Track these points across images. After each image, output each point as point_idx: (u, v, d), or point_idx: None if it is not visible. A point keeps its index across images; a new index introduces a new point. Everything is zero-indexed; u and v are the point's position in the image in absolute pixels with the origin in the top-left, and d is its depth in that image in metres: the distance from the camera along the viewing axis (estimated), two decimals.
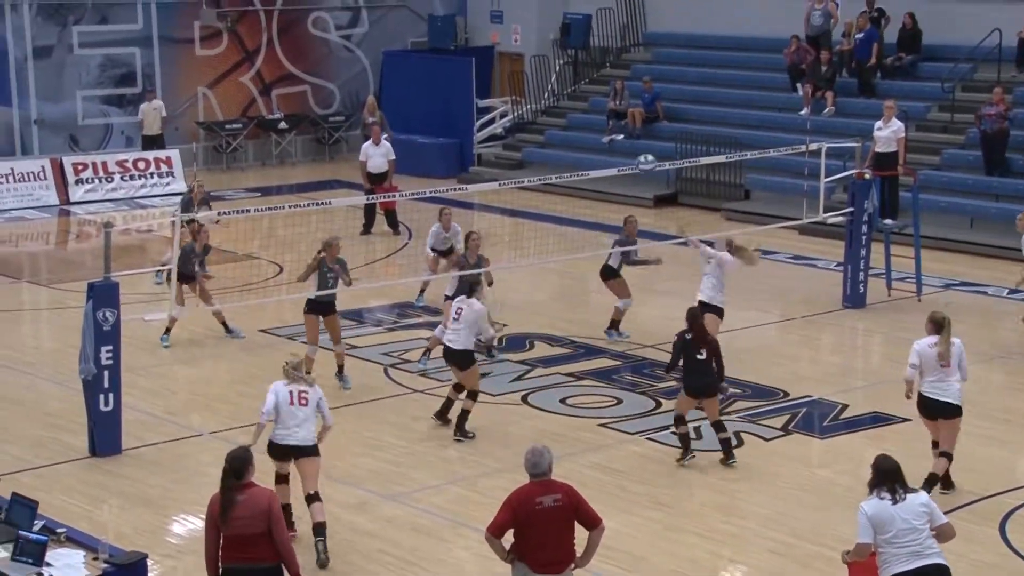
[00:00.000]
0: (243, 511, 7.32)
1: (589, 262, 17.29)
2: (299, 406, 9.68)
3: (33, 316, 16.22)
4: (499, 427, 12.34)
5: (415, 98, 26.56)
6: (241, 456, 7.50)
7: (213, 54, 26.34)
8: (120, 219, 21.91)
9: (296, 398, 9.70)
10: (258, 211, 14.61)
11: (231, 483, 7.35)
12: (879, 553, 7.57)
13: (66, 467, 11.27)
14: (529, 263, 17.92)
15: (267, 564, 7.38)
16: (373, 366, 14.14)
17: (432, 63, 27.09)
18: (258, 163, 26.94)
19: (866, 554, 7.60)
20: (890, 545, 7.51)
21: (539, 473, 7.66)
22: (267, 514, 7.33)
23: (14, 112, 24.00)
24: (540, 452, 7.68)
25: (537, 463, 7.66)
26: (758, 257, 13.90)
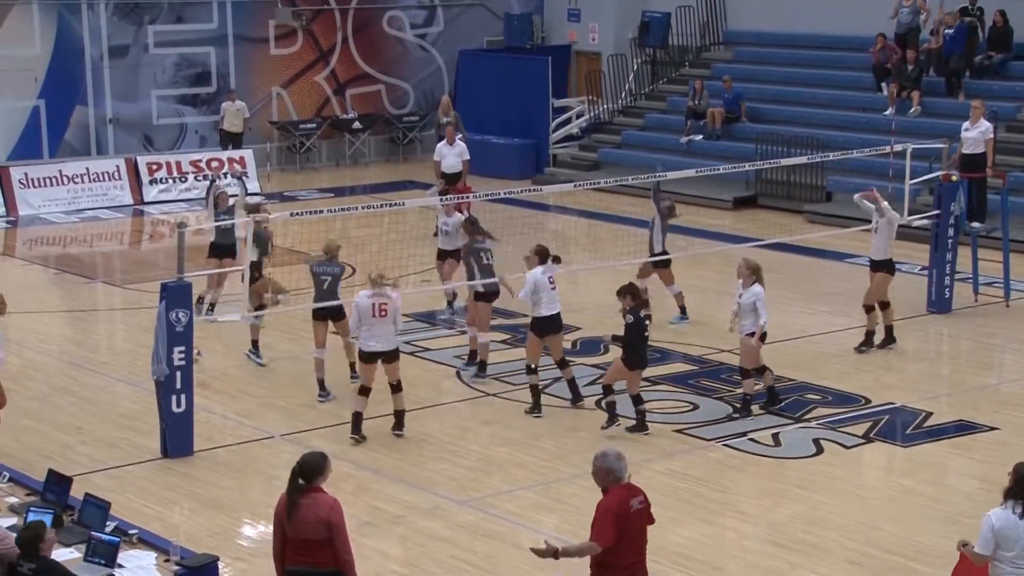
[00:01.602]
0: (305, 515, 7.36)
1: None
2: (379, 317, 11.53)
3: (107, 316, 16.51)
4: (573, 432, 12.33)
5: (490, 98, 26.63)
6: (312, 461, 7.50)
7: (287, 53, 26.64)
8: (193, 219, 22.21)
9: (377, 310, 11.54)
10: (331, 212, 14.71)
11: (296, 485, 7.39)
12: (993, 566, 7.12)
13: (138, 468, 11.46)
14: (604, 265, 17.87)
15: (327, 569, 7.41)
16: (446, 369, 14.19)
17: (508, 62, 27.15)
18: (331, 163, 27.18)
19: (981, 564, 7.21)
20: (1010, 564, 7.03)
21: (622, 478, 7.54)
22: (326, 523, 7.33)
23: (90, 111, 24.46)
24: (619, 455, 7.56)
25: (621, 468, 7.52)
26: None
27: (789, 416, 12.69)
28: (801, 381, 13.66)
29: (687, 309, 15.60)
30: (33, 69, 23.85)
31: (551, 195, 22.88)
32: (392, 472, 11.29)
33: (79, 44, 24.26)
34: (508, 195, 15.36)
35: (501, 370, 14.06)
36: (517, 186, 19.83)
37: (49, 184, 22.74)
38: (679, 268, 16.14)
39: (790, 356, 14.32)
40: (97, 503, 9.33)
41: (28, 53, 23.81)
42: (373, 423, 12.52)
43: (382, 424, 12.51)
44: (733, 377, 13.72)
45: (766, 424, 12.42)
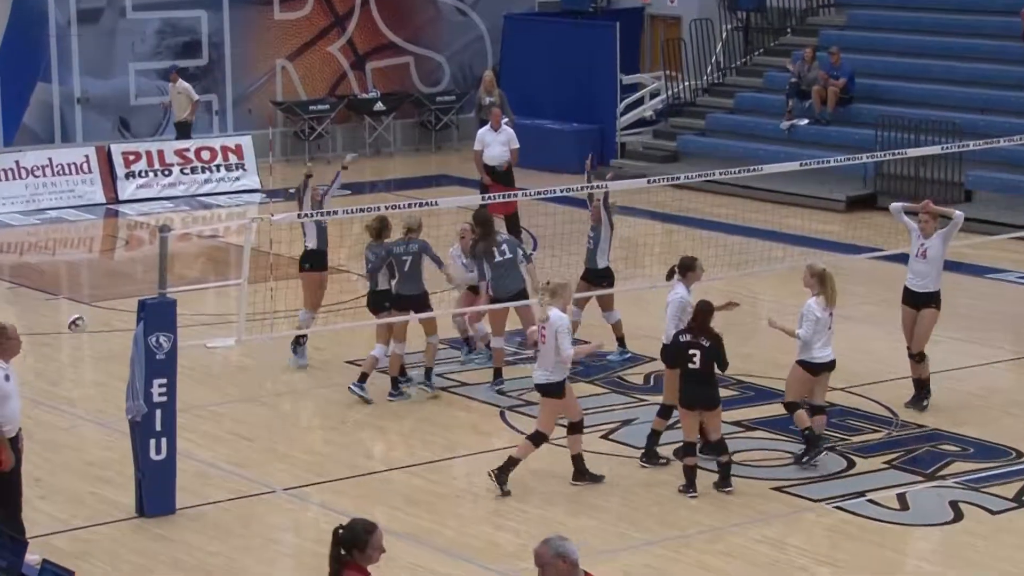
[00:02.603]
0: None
1: (762, 280, 17.06)
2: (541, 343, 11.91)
3: (73, 341, 16.61)
4: (646, 488, 12.25)
5: (544, 73, 26.63)
6: (354, 529, 7.34)
7: (295, 18, 26.79)
8: (179, 222, 22.35)
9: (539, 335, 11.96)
10: (348, 213, 14.72)
11: (336, 554, 7.32)
12: None
13: (108, 529, 11.47)
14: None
15: None
16: (487, 408, 14.16)
17: (566, 29, 27.15)
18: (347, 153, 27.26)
19: None
20: None
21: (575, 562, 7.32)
22: None
23: (53, 89, 24.68)
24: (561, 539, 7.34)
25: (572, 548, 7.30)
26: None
27: (919, 472, 12.53)
28: (933, 428, 13.50)
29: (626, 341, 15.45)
30: None
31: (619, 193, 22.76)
32: (427, 537, 11.25)
33: (41, 7, 24.51)
34: (565, 193, 15.31)
35: None
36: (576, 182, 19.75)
37: (4, 178, 22.96)
38: (774, 283, 16.02)
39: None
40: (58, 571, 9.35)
41: None
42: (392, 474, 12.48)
43: (404, 477, 12.47)
44: (848, 422, 13.58)
45: (890, 482, 12.27)
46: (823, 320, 12.49)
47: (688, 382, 12.02)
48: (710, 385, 12.03)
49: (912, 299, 13.94)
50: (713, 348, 11.92)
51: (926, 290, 13.84)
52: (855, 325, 15.99)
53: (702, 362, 11.93)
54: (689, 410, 12.06)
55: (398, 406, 14.26)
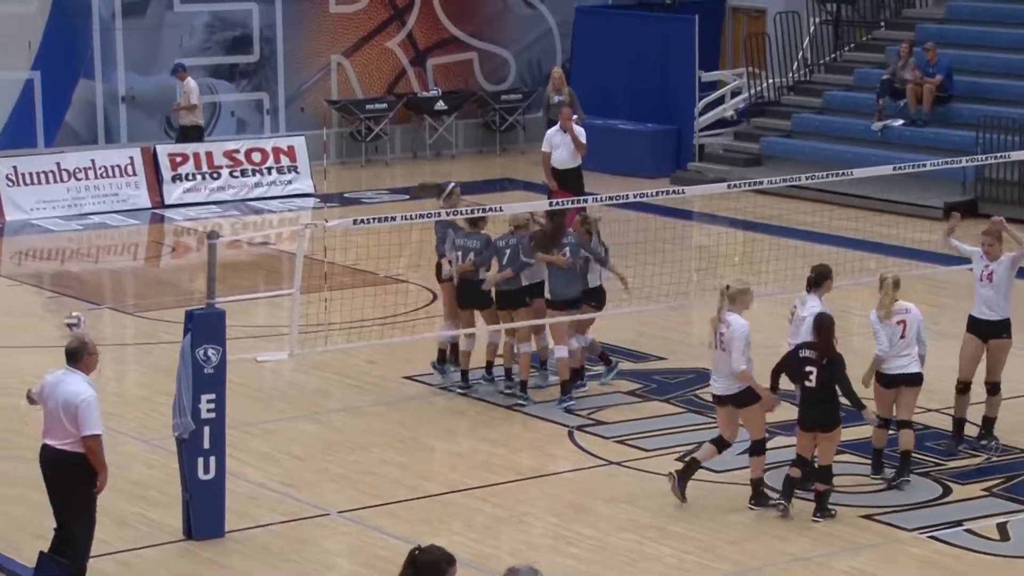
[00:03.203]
0: None
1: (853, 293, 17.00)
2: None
3: (116, 353, 16.83)
4: (725, 514, 12.26)
5: (617, 70, 26.68)
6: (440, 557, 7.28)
7: (352, 12, 27.00)
8: (228, 228, 22.57)
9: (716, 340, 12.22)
10: (406, 219, 14.83)
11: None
12: None
13: (155, 552, 11.63)
14: (767, 292, 17.73)
15: None
16: (553, 428, 14.22)
17: (641, 23, 27.18)
18: (407, 155, 27.45)
19: None
20: None
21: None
22: None
23: (97, 86, 25.00)
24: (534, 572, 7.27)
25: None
26: None
27: (1021, 501, 12.46)
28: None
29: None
30: (26, 31, 24.47)
31: (696, 198, 22.81)
32: (487, 563, 11.31)
33: (85, 1, 24.83)
34: (639, 198, 15.34)
35: (626, 432, 14.04)
36: (651, 186, 19.82)
37: (44, 181, 23.24)
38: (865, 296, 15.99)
39: (1019, 416, 14.06)
40: None
41: (19, 11, 24.45)
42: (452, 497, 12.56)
43: (465, 500, 12.55)
44: (943, 445, 13.52)
45: (989, 511, 12.21)
46: (888, 330, 12.49)
47: (805, 401, 12.05)
48: (828, 405, 11.99)
49: (977, 328, 13.49)
50: (831, 368, 11.89)
51: (994, 318, 13.38)
52: (953, 343, 15.88)
53: (818, 381, 11.90)
54: (804, 431, 12.08)
55: (461, 425, 14.36)
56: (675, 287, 17.83)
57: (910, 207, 22.44)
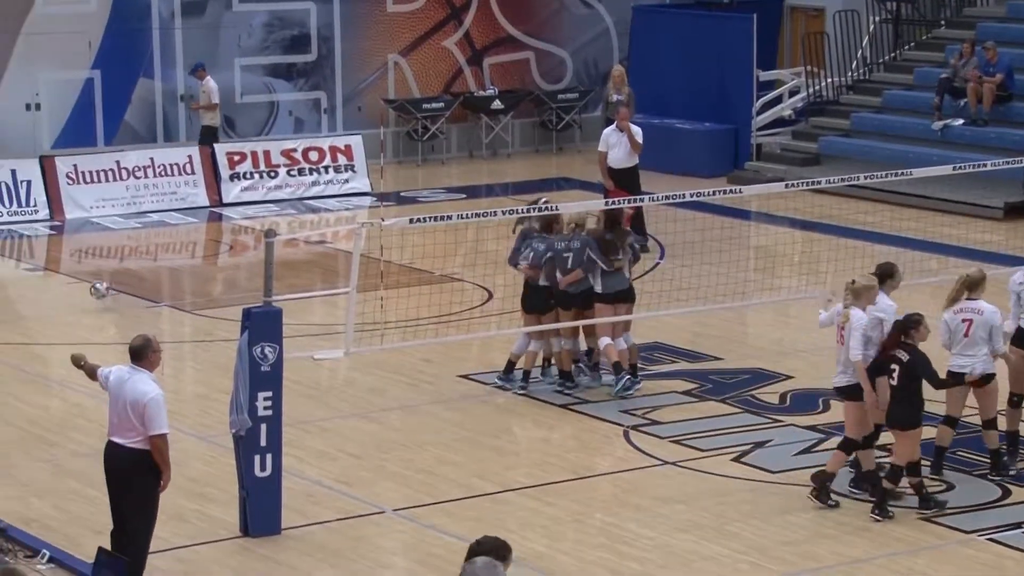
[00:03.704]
0: None
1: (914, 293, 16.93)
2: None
3: (174, 351, 16.94)
4: (781, 515, 12.22)
5: (674, 69, 26.64)
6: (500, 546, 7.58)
7: (409, 11, 27.08)
8: (285, 226, 22.69)
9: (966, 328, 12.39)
10: (462, 218, 14.87)
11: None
12: None
13: (211, 549, 11.71)
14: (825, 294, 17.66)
15: None
16: (609, 427, 14.22)
17: (698, 22, 27.13)
18: (463, 154, 27.50)
19: None
20: None
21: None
22: None
23: (156, 86, 25.17)
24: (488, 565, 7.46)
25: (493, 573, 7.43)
26: None
27: None
28: None
29: None
30: (86, 31, 24.69)
31: (754, 198, 22.74)
32: (542, 563, 11.33)
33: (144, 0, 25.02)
34: (696, 197, 15.32)
35: (682, 431, 14.03)
36: (708, 186, 19.78)
37: (104, 179, 23.43)
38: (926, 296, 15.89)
39: None
40: None
41: (80, 11, 24.66)
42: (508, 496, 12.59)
43: (520, 499, 12.57)
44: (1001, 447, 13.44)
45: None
46: (951, 325, 12.48)
47: (891, 399, 12.06)
48: (909, 404, 11.97)
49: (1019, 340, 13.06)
50: (912, 363, 11.88)
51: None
52: None
53: (900, 378, 11.91)
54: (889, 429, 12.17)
55: (516, 424, 14.39)
56: (732, 287, 17.80)
57: (970, 207, 22.30)
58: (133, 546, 10.49)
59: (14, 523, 11.49)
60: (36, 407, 14.88)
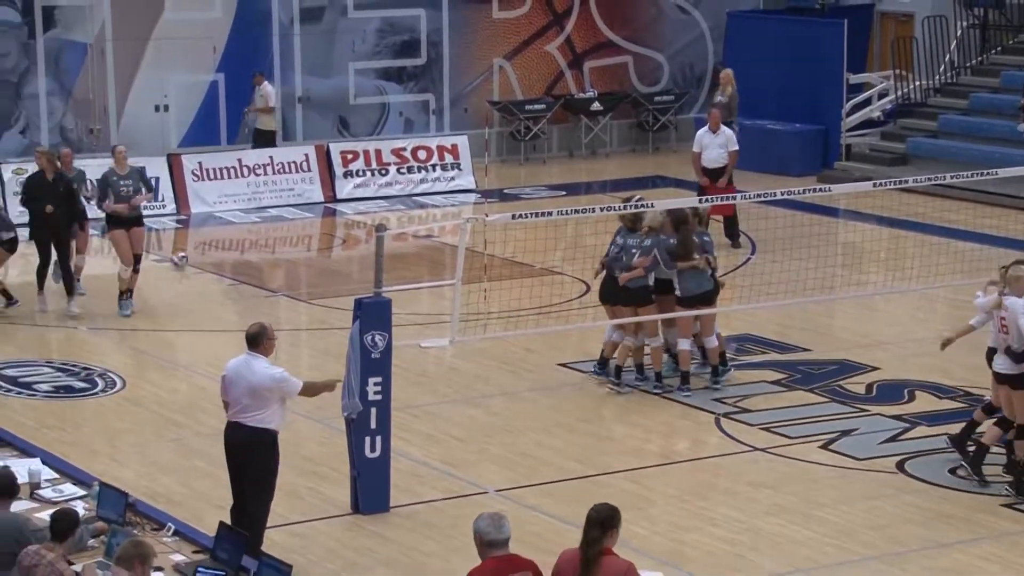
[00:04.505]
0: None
1: None
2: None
3: (291, 338, 17.12)
4: (867, 501, 12.14)
5: (766, 72, 26.45)
6: (608, 510, 7.81)
7: (514, 17, 27.11)
8: (395, 221, 22.82)
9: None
10: (562, 214, 14.92)
11: (594, 537, 7.63)
12: None
13: (324, 525, 11.84)
14: (912, 288, 17.51)
15: None
16: (702, 416, 14.18)
17: (791, 27, 26.94)
18: (564, 153, 27.50)
19: None
20: None
21: (500, 541, 7.87)
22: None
23: (276, 88, 25.39)
24: (499, 516, 7.92)
25: (499, 527, 7.88)
26: None
27: None
28: None
29: None
30: (211, 37, 24.98)
31: (843, 196, 22.56)
32: (637, 543, 11.32)
33: (266, 6, 25.26)
34: (787, 196, 15.23)
35: (771, 419, 13.97)
36: (799, 184, 19.62)
37: (226, 176, 23.70)
38: None
39: None
40: (276, 566, 9.68)
41: (206, 17, 24.95)
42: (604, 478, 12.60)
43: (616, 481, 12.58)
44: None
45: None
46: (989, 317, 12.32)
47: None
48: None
49: None
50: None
51: None
52: None
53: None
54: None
55: (612, 411, 14.40)
56: (820, 282, 17.68)
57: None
58: (252, 521, 10.63)
59: (143, 498, 11.66)
60: (165, 390, 15.11)
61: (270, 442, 10.71)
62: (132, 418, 14.20)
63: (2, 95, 23.58)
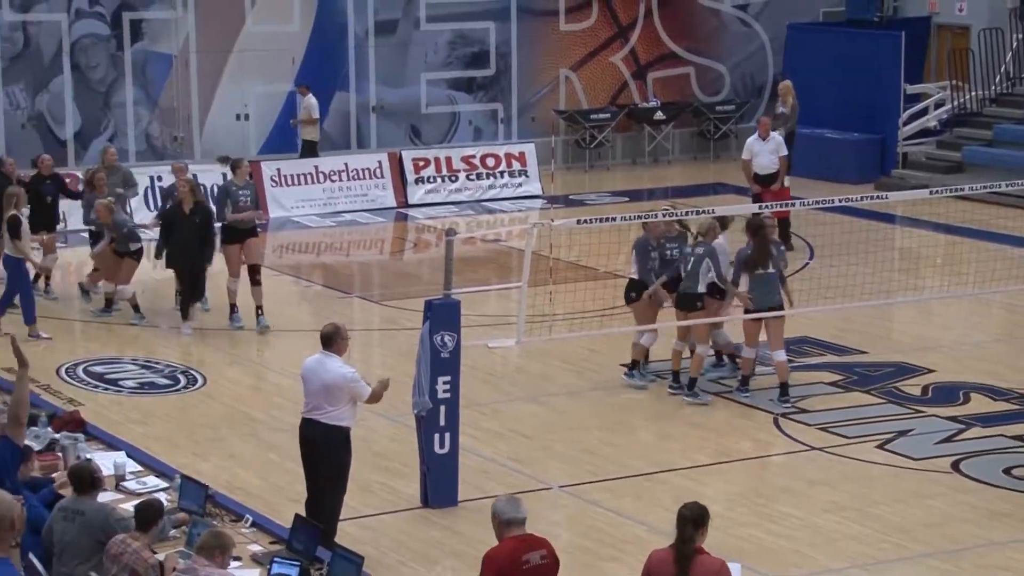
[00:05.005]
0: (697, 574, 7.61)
1: None
2: None
3: (363, 338, 17.18)
4: (922, 500, 12.03)
5: (825, 83, 26.28)
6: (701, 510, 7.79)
7: (580, 29, 27.08)
8: (464, 226, 22.86)
9: None
10: (625, 220, 14.88)
11: (689, 535, 7.60)
12: None
13: (394, 518, 11.86)
14: (967, 293, 17.34)
15: None
16: (761, 416, 14.09)
17: (850, 39, 26.74)
18: (627, 161, 27.43)
19: None
20: None
21: (516, 521, 7.99)
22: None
23: (351, 98, 25.52)
24: (516, 497, 8.05)
25: (512, 508, 7.99)
26: None
27: None
28: None
29: None
30: (290, 48, 25.12)
31: (899, 204, 22.34)
32: None
33: (342, 19, 25.36)
34: (844, 203, 15.13)
35: (828, 420, 13.87)
36: (856, 192, 19.53)
37: (303, 182, 23.81)
38: None
39: None
40: (349, 557, 9.72)
41: (284, 30, 25.08)
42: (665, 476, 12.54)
43: (677, 479, 12.53)
44: None
45: None
46: None
47: None
48: None
49: None
50: None
51: None
52: None
53: None
54: None
55: (672, 410, 14.34)
56: (877, 286, 17.53)
57: None
58: (326, 513, 10.68)
59: (221, 490, 11.75)
60: (243, 387, 15.21)
61: (343, 439, 10.75)
62: (212, 414, 14.30)
63: (92, 104, 23.83)
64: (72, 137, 23.64)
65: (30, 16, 23.35)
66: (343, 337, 10.77)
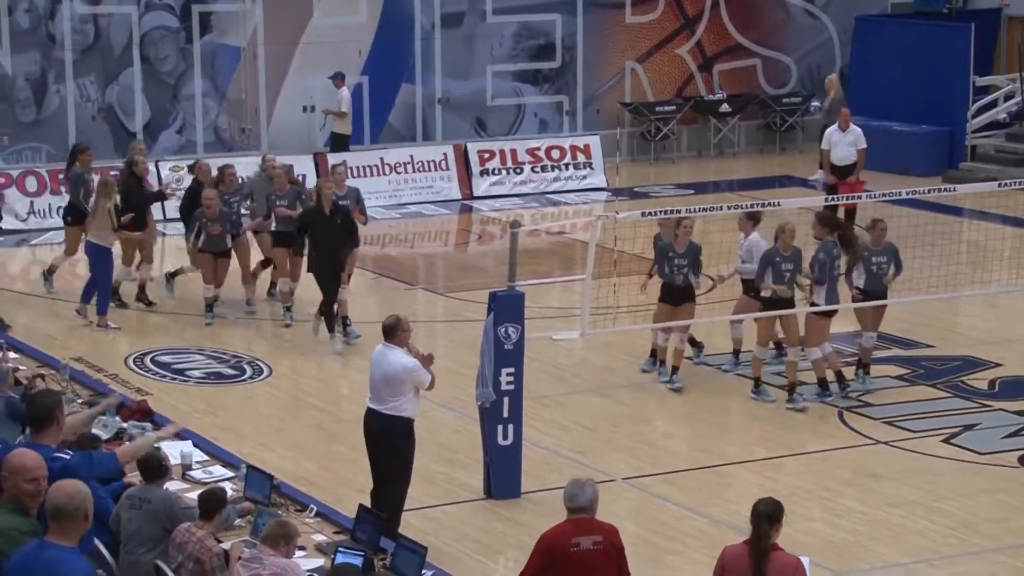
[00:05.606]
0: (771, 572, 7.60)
1: None
2: None
3: (428, 329, 17.23)
4: (988, 494, 11.91)
5: (893, 75, 26.07)
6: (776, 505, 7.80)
7: (646, 21, 26.98)
8: (528, 218, 22.85)
9: None
10: (690, 212, 14.82)
11: (766, 530, 7.59)
12: None
13: (458, 509, 11.90)
14: None
15: None
16: (825, 409, 14.00)
17: (918, 31, 26.47)
18: (693, 153, 27.31)
19: None
20: None
21: (578, 507, 8.03)
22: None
23: (417, 90, 25.57)
24: (581, 483, 8.07)
25: (576, 495, 8.03)
26: None
27: None
28: None
29: None
30: (358, 41, 25.20)
31: (968, 196, 22.09)
32: None
33: (409, 11, 25.40)
34: (912, 195, 14.99)
35: (896, 413, 13.75)
36: (924, 184, 19.29)
37: (370, 174, 23.87)
38: None
39: None
40: (412, 547, 9.74)
41: (352, 22, 25.17)
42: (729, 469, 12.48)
43: (741, 472, 12.47)
44: None
45: None
46: None
47: None
48: None
49: None
50: None
51: None
52: None
53: None
54: None
55: (736, 403, 14.27)
56: (944, 279, 17.34)
57: None
58: (389, 503, 10.71)
59: (286, 480, 11.81)
60: (308, 378, 15.29)
61: (406, 429, 10.78)
62: (277, 404, 14.39)
63: (161, 96, 24.02)
64: (141, 128, 23.84)
65: (101, 9, 23.56)
66: (404, 329, 10.80)
